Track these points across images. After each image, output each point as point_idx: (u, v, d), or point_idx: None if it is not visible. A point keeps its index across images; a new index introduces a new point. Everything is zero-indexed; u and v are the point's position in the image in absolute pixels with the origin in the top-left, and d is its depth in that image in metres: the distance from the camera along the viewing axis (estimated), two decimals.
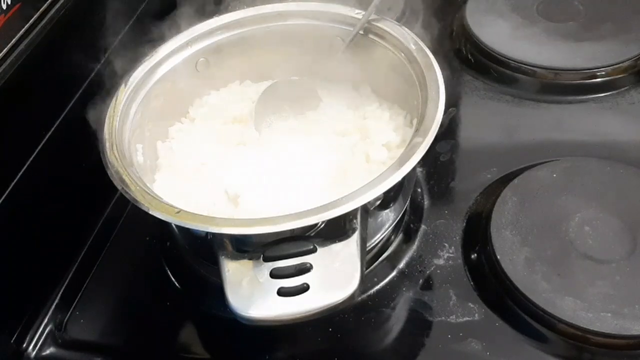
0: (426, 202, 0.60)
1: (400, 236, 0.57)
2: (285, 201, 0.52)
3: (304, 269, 0.42)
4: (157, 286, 0.58)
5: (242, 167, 0.56)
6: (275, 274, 0.42)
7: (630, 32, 0.71)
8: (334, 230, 0.44)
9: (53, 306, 0.57)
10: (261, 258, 0.43)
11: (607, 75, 0.68)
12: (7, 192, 0.51)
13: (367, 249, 0.54)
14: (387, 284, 0.54)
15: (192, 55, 0.61)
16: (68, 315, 0.56)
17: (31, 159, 0.54)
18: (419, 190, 0.61)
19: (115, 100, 0.55)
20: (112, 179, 0.48)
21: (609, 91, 0.67)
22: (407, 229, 0.58)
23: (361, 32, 0.58)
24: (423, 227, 0.58)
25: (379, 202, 0.49)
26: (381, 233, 0.55)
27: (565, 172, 0.57)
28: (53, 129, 0.57)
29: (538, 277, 0.50)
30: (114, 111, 0.54)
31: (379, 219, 0.54)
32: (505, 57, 0.71)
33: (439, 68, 0.52)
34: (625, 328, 0.46)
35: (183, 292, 0.57)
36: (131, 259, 0.61)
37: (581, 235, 0.52)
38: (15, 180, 0.52)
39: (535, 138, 0.64)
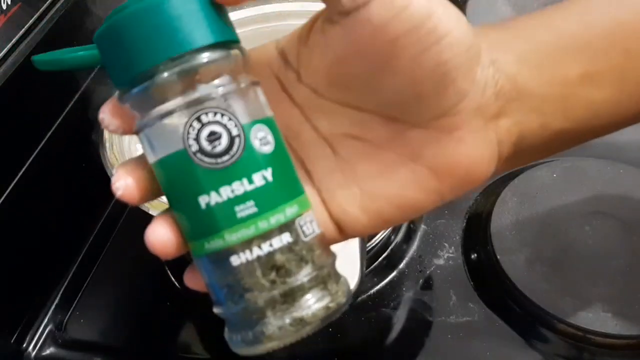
0: None
1: (400, 236, 0.57)
2: None
3: None
4: (157, 286, 0.58)
5: None
6: None
7: None
8: None
9: (53, 306, 0.57)
10: None
11: None
12: (7, 192, 0.51)
13: (367, 249, 0.54)
14: (387, 284, 0.54)
15: None
16: (68, 315, 0.56)
17: (31, 159, 0.54)
18: None
19: None
20: (112, 178, 0.48)
21: None
22: (407, 229, 0.57)
23: None
24: (423, 227, 0.58)
25: None
26: (381, 233, 0.55)
27: (565, 172, 0.57)
28: (53, 129, 0.57)
29: (538, 277, 0.50)
30: None
31: None
32: None
33: None
34: (625, 328, 0.47)
35: (183, 292, 0.57)
36: (131, 259, 0.61)
37: (581, 235, 0.52)
38: (15, 180, 0.52)
39: None
